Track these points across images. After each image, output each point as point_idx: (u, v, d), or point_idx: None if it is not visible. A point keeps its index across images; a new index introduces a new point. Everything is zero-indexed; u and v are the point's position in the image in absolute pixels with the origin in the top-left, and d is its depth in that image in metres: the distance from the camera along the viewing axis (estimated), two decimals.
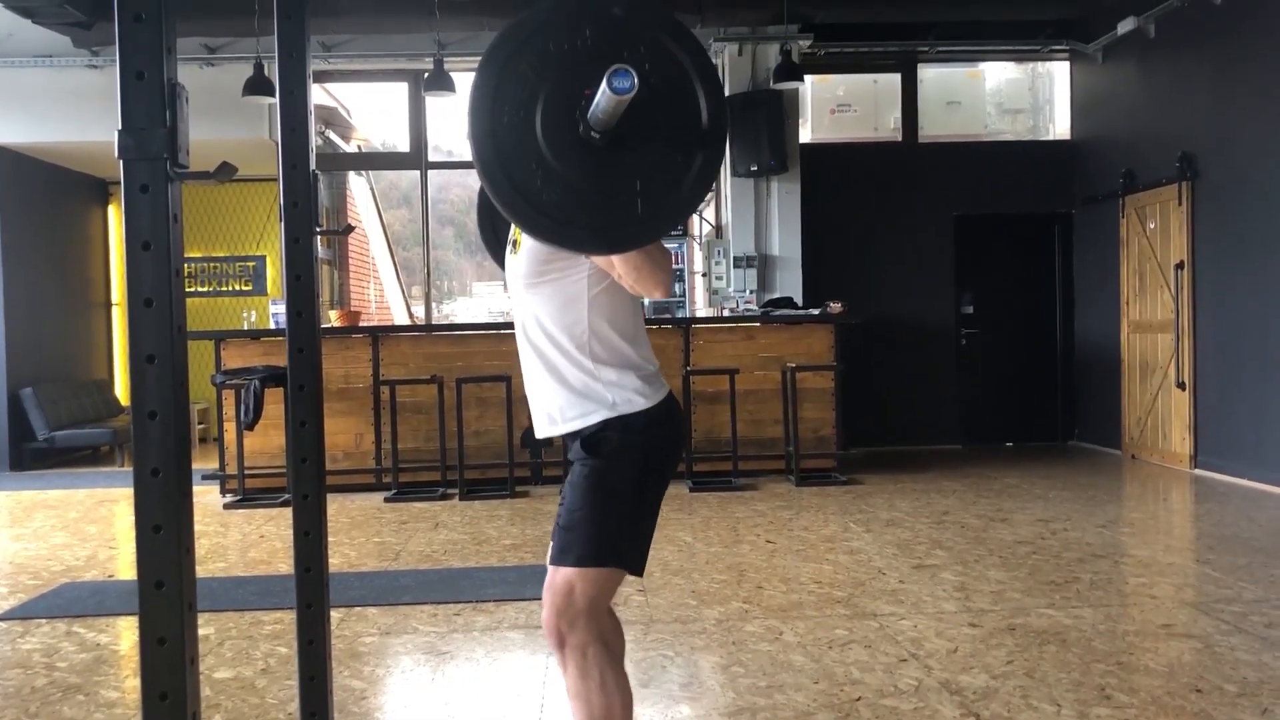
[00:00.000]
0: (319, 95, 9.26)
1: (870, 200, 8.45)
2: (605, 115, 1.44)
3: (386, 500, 6.28)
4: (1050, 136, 8.90)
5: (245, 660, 3.26)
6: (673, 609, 3.74)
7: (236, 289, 9.89)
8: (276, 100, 2.09)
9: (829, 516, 5.49)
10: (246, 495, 6.34)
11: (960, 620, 3.52)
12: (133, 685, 3.04)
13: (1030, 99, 9.14)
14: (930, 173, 8.50)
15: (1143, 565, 4.29)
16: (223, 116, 7.61)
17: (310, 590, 2.13)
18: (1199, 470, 6.80)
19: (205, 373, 7.34)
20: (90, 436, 8.35)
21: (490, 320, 9.22)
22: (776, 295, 7.67)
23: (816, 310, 6.94)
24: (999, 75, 9.09)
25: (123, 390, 9.69)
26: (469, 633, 3.53)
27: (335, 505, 6.01)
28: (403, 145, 8.80)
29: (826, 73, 8.62)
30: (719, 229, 8.19)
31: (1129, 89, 7.74)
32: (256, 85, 7.29)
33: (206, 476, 6.59)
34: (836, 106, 8.69)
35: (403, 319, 12.23)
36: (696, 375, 6.62)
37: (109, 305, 9.95)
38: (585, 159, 1.51)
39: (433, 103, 8.27)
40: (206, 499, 6.35)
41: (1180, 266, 6.95)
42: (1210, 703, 2.71)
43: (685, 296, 8.11)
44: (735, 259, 7.85)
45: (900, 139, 8.63)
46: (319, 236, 2.15)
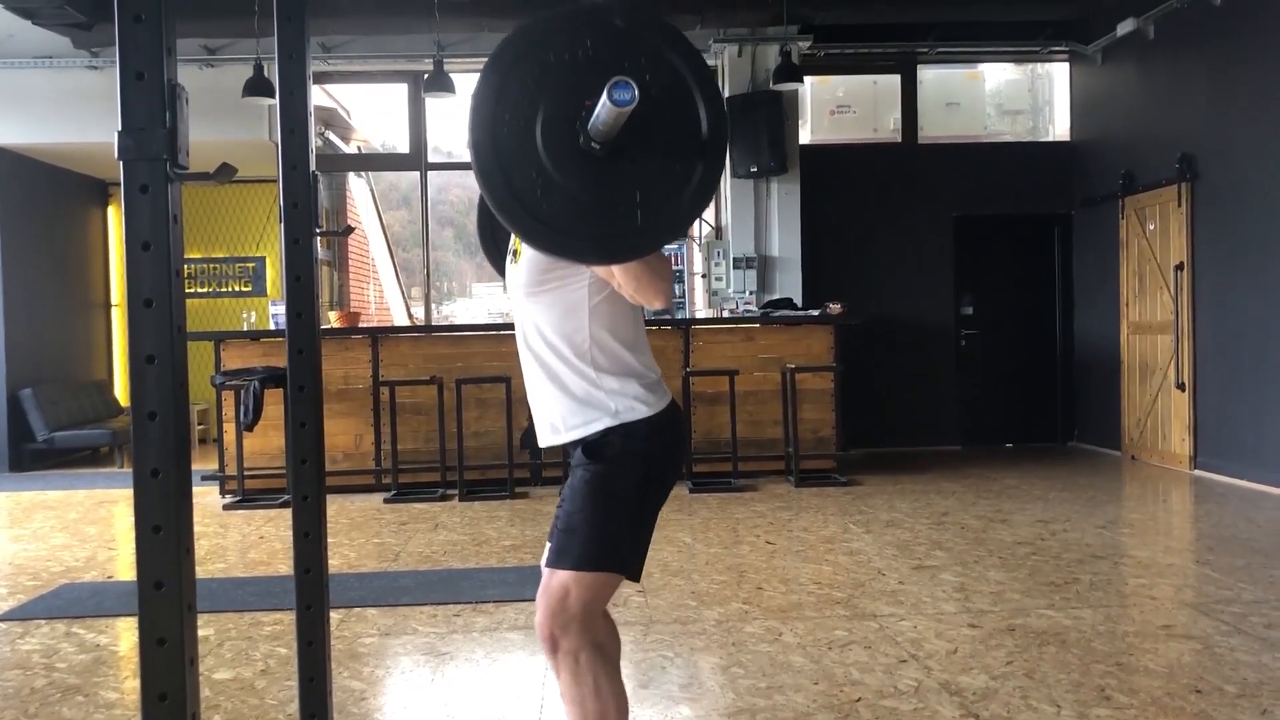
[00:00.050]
0: (319, 96, 9.26)
1: (870, 201, 8.46)
2: (605, 127, 1.45)
3: (386, 501, 6.28)
4: (1050, 138, 8.91)
5: (245, 661, 3.26)
6: (672, 610, 3.74)
7: (236, 290, 9.89)
8: (276, 101, 2.10)
9: (828, 517, 5.49)
10: (246, 496, 6.34)
11: (960, 621, 3.52)
12: (132, 686, 3.04)
13: (1030, 100, 9.14)
14: (930, 174, 8.51)
15: (1142, 566, 4.29)
16: (222, 118, 7.61)
17: (310, 591, 2.13)
18: (1198, 471, 6.80)
19: (205, 374, 7.34)
20: (90, 437, 8.35)
21: (490, 321, 9.22)
22: (776, 296, 7.67)
23: (816, 311, 6.94)
24: (998, 76, 9.10)
25: (122, 391, 9.69)
26: (468, 634, 3.53)
27: (335, 506, 6.01)
28: (402, 146, 8.80)
29: (826, 74, 8.63)
30: (719, 230, 8.19)
31: (1128, 90, 7.75)
32: (256, 86, 7.30)
33: (206, 477, 6.59)
34: (836, 107, 8.69)
35: (402, 320, 12.24)
36: (696, 376, 6.62)
37: (109, 306, 9.95)
38: (585, 169, 1.52)
39: (432, 104, 8.27)
40: (206, 500, 6.35)
41: (1180, 267, 6.96)
42: (1210, 703, 2.71)
43: (685, 297, 8.11)
44: (735, 260, 7.85)
45: (900, 140, 8.63)
46: (319, 237, 2.16)
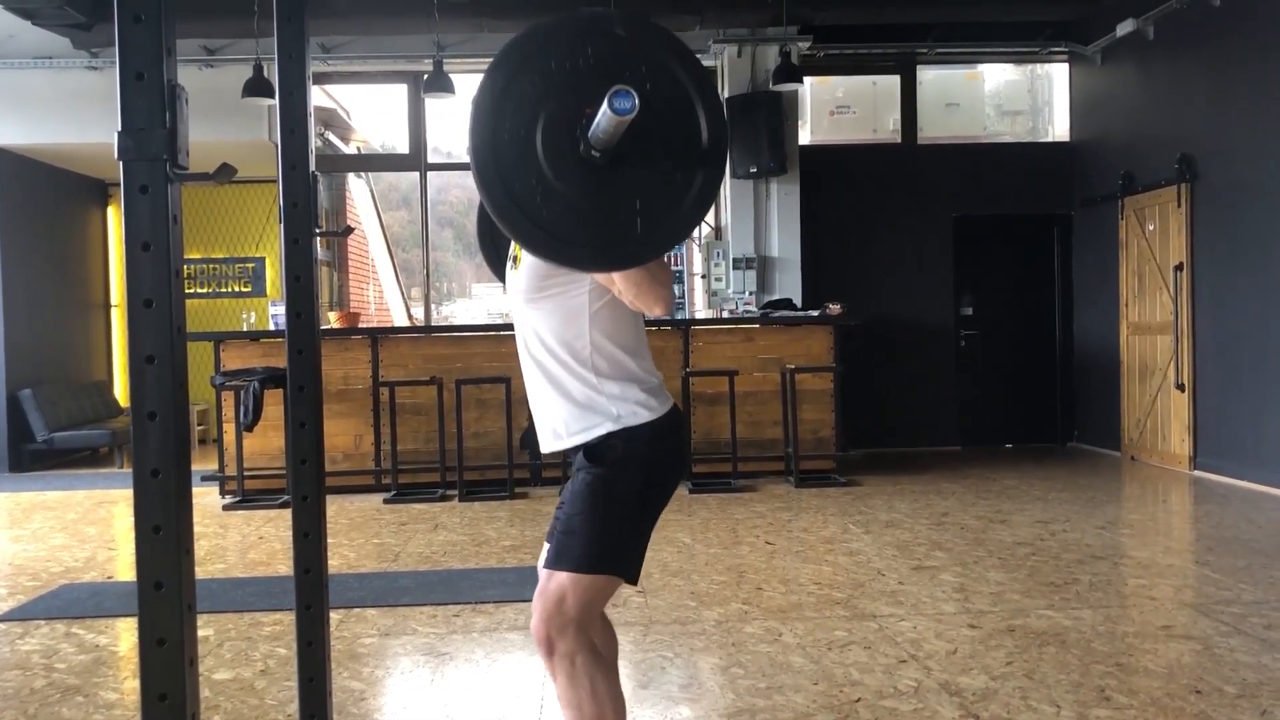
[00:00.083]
0: (318, 97, 9.26)
1: (869, 202, 8.46)
2: (606, 135, 1.45)
3: (386, 502, 6.27)
4: (1049, 138, 8.91)
5: (244, 661, 3.26)
6: (672, 610, 3.74)
7: (236, 290, 9.89)
8: (276, 102, 2.10)
9: (828, 518, 5.49)
10: (246, 496, 6.34)
11: (960, 621, 3.52)
12: (132, 686, 3.04)
13: (1029, 101, 9.14)
14: (929, 174, 8.51)
15: (1142, 567, 4.29)
16: (222, 118, 7.61)
17: (309, 591, 2.13)
18: (1198, 472, 6.80)
19: (205, 374, 7.34)
20: (89, 438, 8.35)
21: (489, 322, 9.22)
22: (776, 297, 7.67)
23: (816, 312, 6.94)
24: (998, 77, 9.10)
25: (122, 391, 9.69)
26: (468, 634, 3.53)
27: (334, 507, 6.00)
28: (402, 147, 8.80)
29: (826, 74, 8.63)
30: (718, 230, 8.19)
31: (1128, 91, 7.75)
32: (256, 87, 7.29)
33: (206, 478, 6.59)
34: (836, 108, 8.70)
35: (402, 320, 12.24)
36: (696, 377, 6.62)
37: (108, 306, 9.95)
38: (585, 177, 1.52)
39: (432, 104, 8.27)
40: (206, 500, 6.35)
41: (1179, 268, 6.96)
42: (1210, 704, 2.71)
43: (685, 298, 8.11)
44: (734, 260, 7.85)
45: (899, 140, 8.63)
46: (318, 238, 2.16)
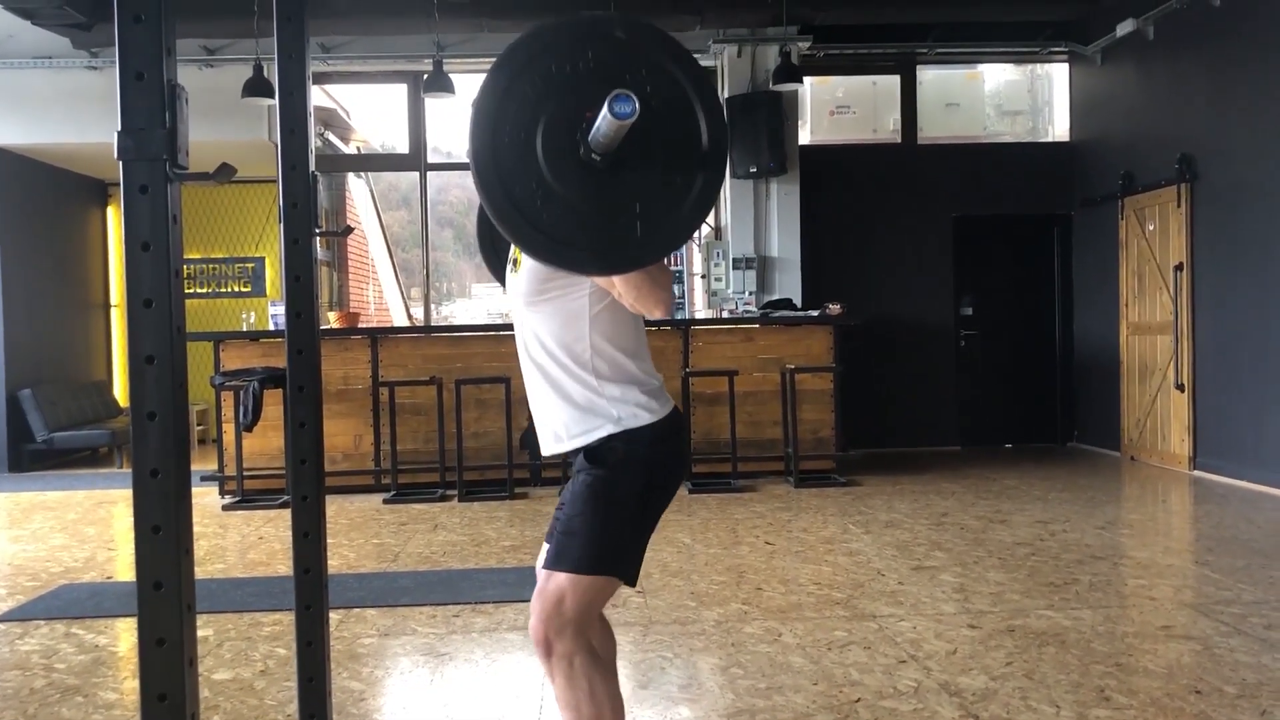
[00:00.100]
0: (318, 97, 9.26)
1: (869, 202, 8.46)
2: (606, 139, 1.45)
3: (385, 502, 6.27)
4: (1049, 138, 8.91)
5: (244, 662, 3.26)
6: (672, 610, 3.74)
7: (235, 290, 9.89)
8: (276, 101, 2.10)
9: (828, 518, 5.49)
10: (245, 497, 6.34)
11: (959, 622, 3.52)
12: (131, 687, 3.04)
13: (1029, 101, 9.14)
14: (929, 174, 8.51)
15: (1142, 567, 4.29)
16: (222, 118, 7.61)
17: (309, 592, 2.13)
18: (1198, 472, 6.80)
19: (204, 374, 7.34)
20: (89, 438, 8.35)
21: (489, 322, 9.22)
22: (776, 297, 7.67)
23: (815, 312, 6.94)
24: (998, 77, 9.10)
25: (122, 391, 9.69)
26: (468, 634, 3.53)
27: (334, 507, 6.00)
28: (402, 147, 8.80)
29: (826, 74, 8.63)
30: (718, 230, 8.19)
31: (1128, 91, 7.75)
32: (256, 87, 7.29)
33: (205, 478, 6.59)
34: (836, 108, 8.70)
35: (402, 320, 12.24)
36: (695, 377, 6.62)
37: (108, 306, 9.94)
38: (585, 180, 1.52)
39: (432, 104, 8.27)
40: (205, 500, 6.35)
41: (1179, 268, 6.96)
42: (1209, 704, 2.71)
43: (685, 298, 8.11)
44: (734, 260, 7.85)
45: (899, 140, 8.63)
46: (318, 238, 2.15)
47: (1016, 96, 9.18)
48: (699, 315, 7.80)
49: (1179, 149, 6.90)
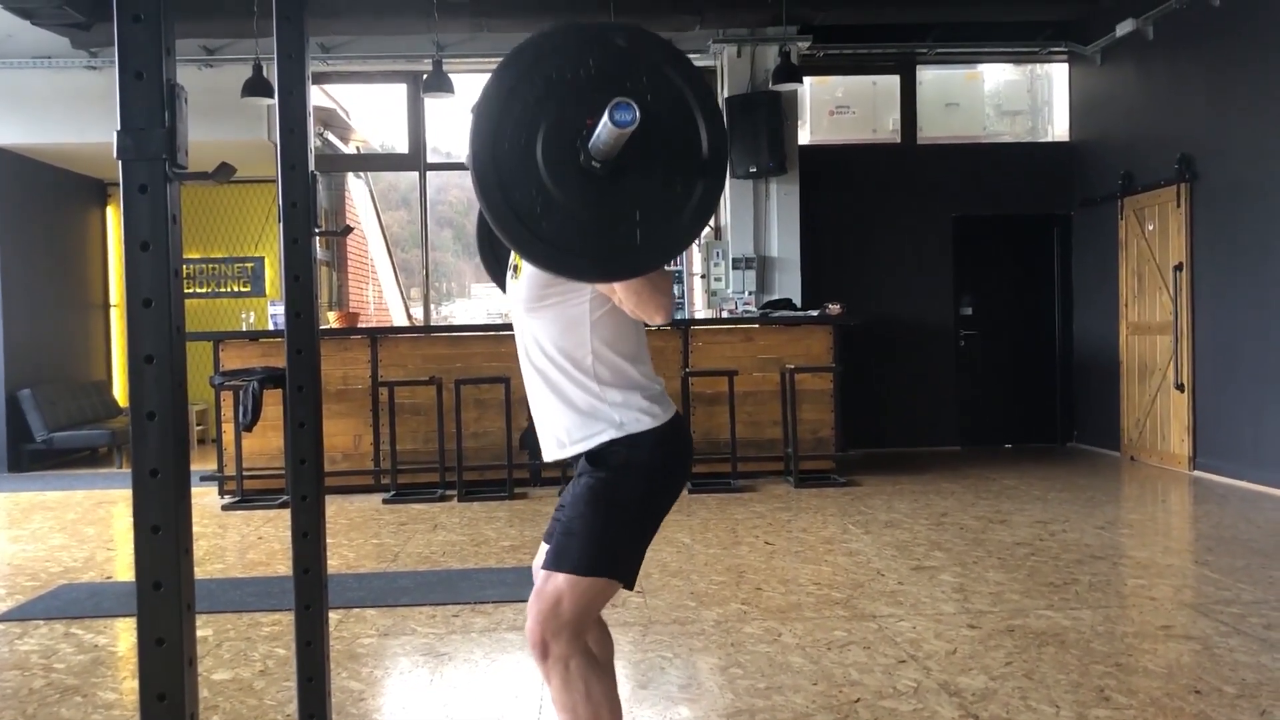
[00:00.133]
0: (317, 97, 9.26)
1: (869, 202, 8.46)
2: (606, 147, 1.45)
3: (385, 502, 6.27)
4: (1049, 138, 8.91)
5: (243, 661, 3.26)
6: (671, 610, 3.74)
7: (235, 290, 9.88)
8: (275, 101, 2.09)
9: (828, 518, 5.49)
10: (245, 497, 6.33)
11: (959, 621, 3.52)
12: (131, 686, 3.04)
13: (1029, 101, 9.15)
14: (929, 174, 8.51)
15: (1141, 567, 4.29)
16: (221, 118, 7.61)
17: (308, 591, 2.12)
18: (1197, 472, 6.80)
19: (204, 374, 7.34)
20: (88, 438, 8.34)
21: (488, 322, 9.22)
22: (775, 297, 7.67)
23: (815, 312, 6.94)
24: (998, 77, 9.10)
25: (121, 392, 9.68)
26: (467, 634, 3.53)
27: (334, 507, 6.00)
28: (401, 147, 8.80)
29: (825, 74, 8.63)
30: (718, 230, 8.19)
31: (1128, 91, 7.75)
32: (255, 86, 7.29)
33: (205, 478, 6.59)
34: (835, 108, 8.70)
35: (401, 320, 12.24)
36: (695, 377, 6.62)
37: (107, 306, 9.94)
38: (585, 187, 1.52)
39: (431, 104, 8.26)
40: (205, 500, 6.35)
41: (1179, 268, 6.96)
42: (1209, 704, 2.71)
43: (684, 298, 8.11)
44: (734, 260, 7.85)
45: (899, 140, 8.63)
46: (317, 237, 2.15)
47: (1016, 96, 9.18)
48: (699, 315, 7.80)
49: (1178, 149, 6.90)
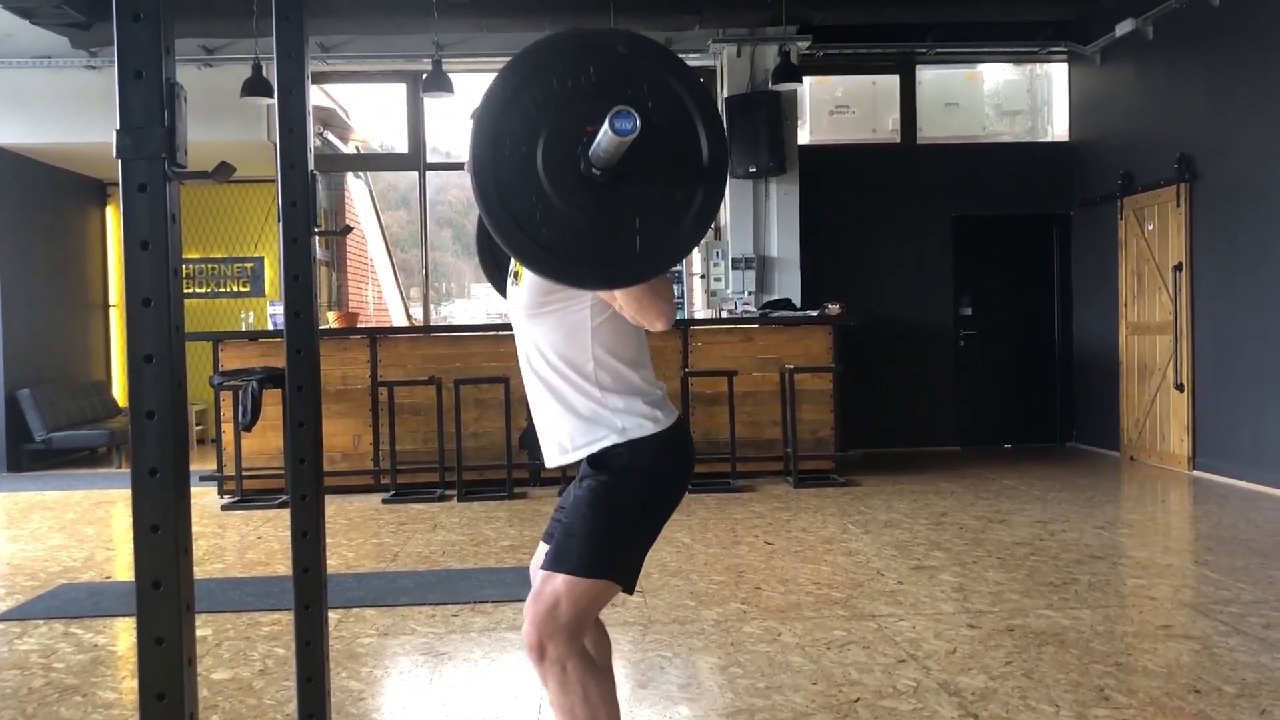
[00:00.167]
0: (317, 96, 9.25)
1: (869, 202, 8.46)
2: (606, 155, 1.45)
3: (384, 501, 6.27)
4: (1049, 138, 8.91)
5: (243, 661, 3.26)
6: (671, 610, 3.73)
7: (234, 290, 9.88)
8: (275, 101, 2.09)
9: (827, 518, 5.49)
10: (244, 496, 6.33)
11: (959, 621, 3.52)
12: (130, 686, 3.04)
13: (1028, 100, 9.15)
14: (929, 174, 8.51)
15: (1141, 566, 4.29)
16: (221, 118, 7.60)
17: (308, 591, 2.12)
18: (1197, 472, 6.80)
19: (203, 374, 7.34)
20: (88, 438, 8.34)
21: (488, 322, 9.21)
22: (775, 297, 7.67)
23: (815, 312, 6.94)
24: (997, 77, 9.10)
25: (120, 391, 9.68)
26: (467, 634, 3.53)
27: (333, 507, 6.00)
28: (401, 146, 8.79)
29: (825, 74, 8.63)
30: (717, 230, 8.18)
31: (1127, 90, 7.75)
32: (255, 86, 7.29)
33: (204, 478, 6.58)
34: (835, 108, 8.70)
35: (401, 320, 12.23)
36: (695, 377, 6.62)
37: (106, 306, 9.94)
38: (585, 195, 1.52)
39: (431, 104, 8.26)
40: (204, 500, 6.34)
41: (1178, 268, 6.96)
42: (1208, 703, 2.71)
43: (684, 298, 8.11)
44: (733, 260, 7.85)
45: (899, 140, 8.63)
46: (317, 237, 2.15)
47: (1016, 96, 9.18)
48: (698, 315, 7.80)
49: (1178, 149, 6.90)
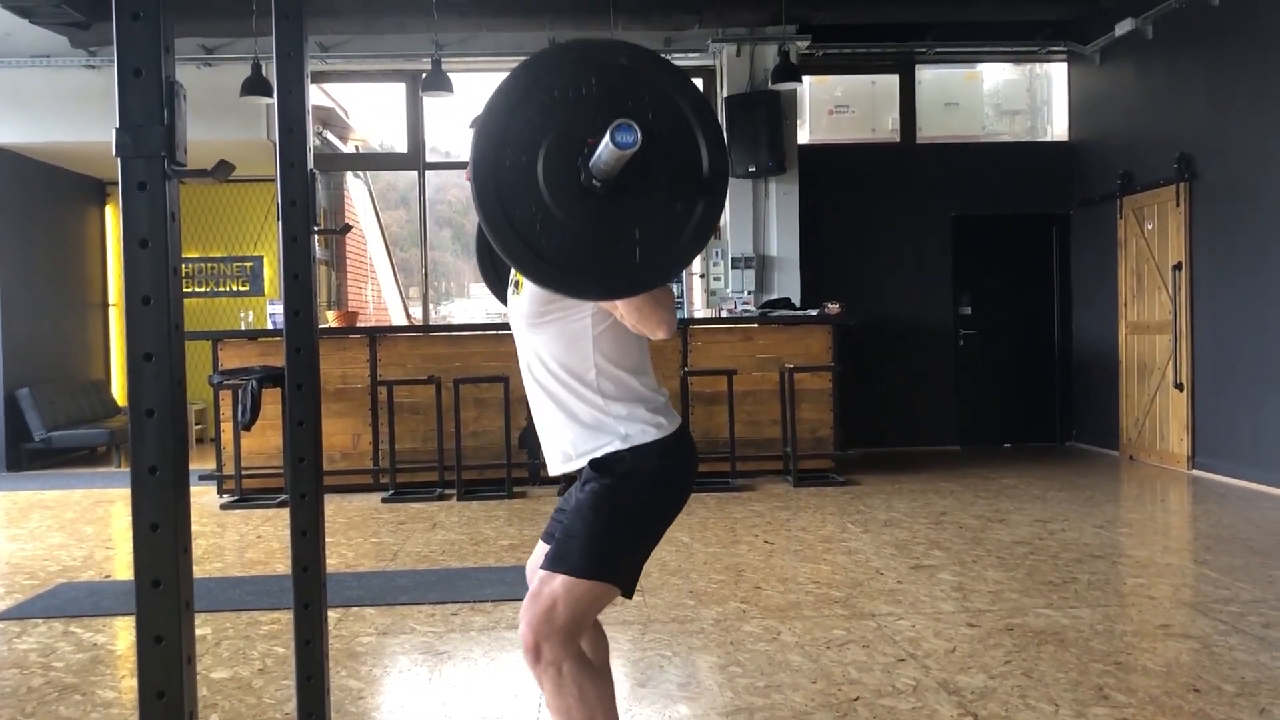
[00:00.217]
0: (316, 96, 9.25)
1: (868, 201, 8.46)
2: (607, 167, 1.45)
3: (384, 501, 6.27)
4: (1048, 138, 8.91)
5: (242, 660, 3.26)
6: (670, 609, 3.74)
7: (234, 290, 9.88)
8: (274, 100, 2.09)
9: (827, 517, 5.49)
10: (244, 495, 6.33)
11: (958, 620, 3.52)
12: (130, 685, 3.04)
13: (1028, 100, 9.15)
14: (928, 174, 8.51)
15: (1140, 566, 4.29)
16: (220, 117, 7.60)
17: (307, 590, 2.12)
18: (1196, 471, 6.80)
19: (202, 373, 7.33)
20: (87, 437, 8.34)
21: (487, 321, 9.21)
22: (774, 296, 7.67)
23: (814, 311, 6.94)
24: (997, 76, 9.10)
25: (120, 391, 9.68)
26: (466, 633, 3.53)
27: (332, 506, 6.00)
28: (400, 146, 8.79)
29: (824, 74, 8.63)
30: (717, 230, 8.19)
31: (1127, 90, 7.75)
32: (254, 85, 7.29)
33: (204, 477, 6.58)
34: (834, 107, 8.70)
35: (400, 320, 12.23)
36: (694, 376, 6.62)
37: (106, 306, 9.93)
38: (586, 206, 1.52)
39: (430, 103, 8.26)
40: (204, 499, 6.34)
41: (1178, 267, 6.96)
42: (1208, 702, 2.71)
43: (683, 298, 8.11)
44: (733, 260, 7.85)
45: (898, 140, 8.63)
46: (316, 236, 2.15)
47: (1015, 96, 9.18)
48: (698, 315, 7.80)
49: (1177, 148, 6.90)
